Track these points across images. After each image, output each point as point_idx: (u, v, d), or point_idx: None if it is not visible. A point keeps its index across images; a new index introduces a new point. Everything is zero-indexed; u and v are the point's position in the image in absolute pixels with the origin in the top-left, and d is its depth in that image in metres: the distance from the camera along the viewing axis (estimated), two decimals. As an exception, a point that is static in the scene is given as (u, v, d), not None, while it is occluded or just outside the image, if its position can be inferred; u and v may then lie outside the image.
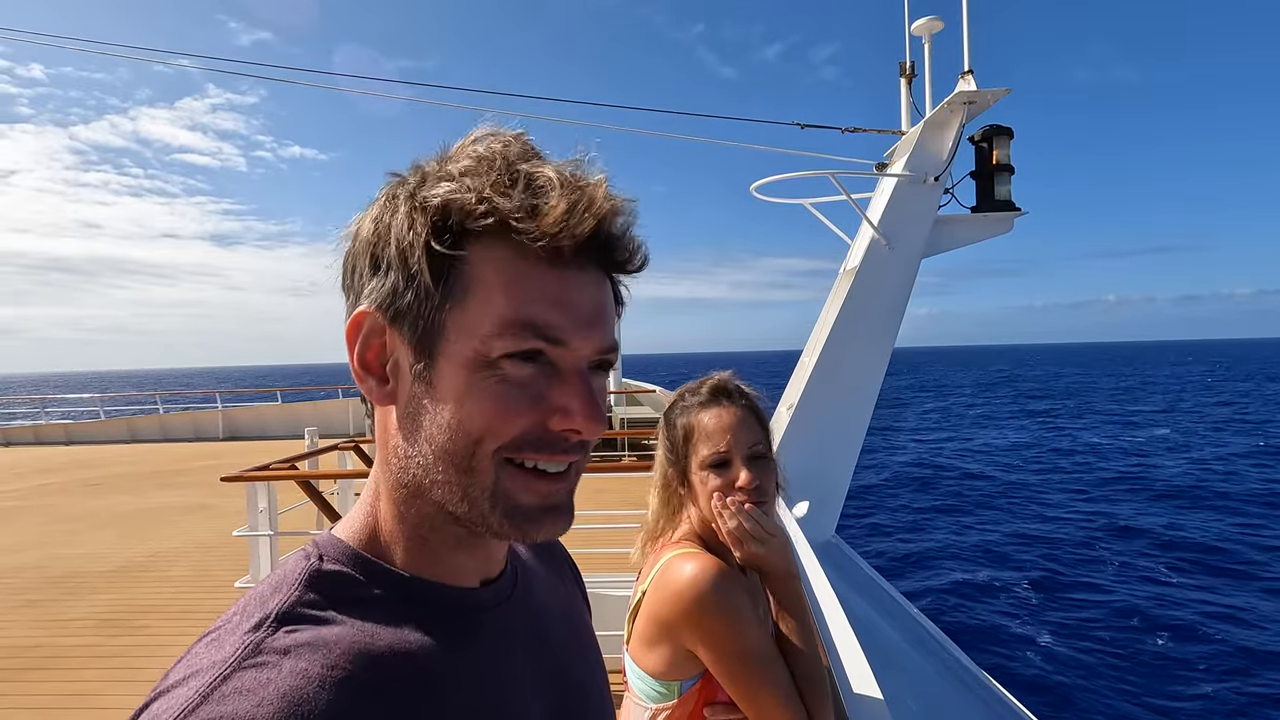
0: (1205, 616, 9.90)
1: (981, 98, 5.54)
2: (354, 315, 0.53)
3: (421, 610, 0.54)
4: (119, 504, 8.46)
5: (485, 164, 0.51)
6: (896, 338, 5.83)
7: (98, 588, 5.34)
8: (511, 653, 0.59)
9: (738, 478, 1.20)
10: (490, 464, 0.51)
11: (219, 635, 0.48)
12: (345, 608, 0.51)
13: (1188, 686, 8.15)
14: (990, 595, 11.08)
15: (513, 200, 0.49)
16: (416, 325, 0.51)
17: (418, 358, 0.51)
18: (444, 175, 0.51)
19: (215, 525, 7.20)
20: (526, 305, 0.49)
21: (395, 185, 0.54)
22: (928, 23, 6.01)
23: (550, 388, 0.51)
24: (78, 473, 10.94)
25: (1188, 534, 14.00)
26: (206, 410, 16.25)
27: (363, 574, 0.53)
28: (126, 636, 4.41)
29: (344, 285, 0.56)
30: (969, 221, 5.95)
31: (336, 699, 0.45)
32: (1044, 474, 21.88)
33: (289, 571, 0.53)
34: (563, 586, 0.76)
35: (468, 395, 0.50)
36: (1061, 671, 8.57)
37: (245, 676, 0.44)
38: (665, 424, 1.31)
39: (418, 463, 0.52)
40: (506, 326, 0.49)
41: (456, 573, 0.57)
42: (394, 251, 0.51)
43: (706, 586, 1.10)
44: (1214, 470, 21.00)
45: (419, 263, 0.50)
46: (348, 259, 0.56)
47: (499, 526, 0.52)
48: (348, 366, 0.55)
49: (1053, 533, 14.51)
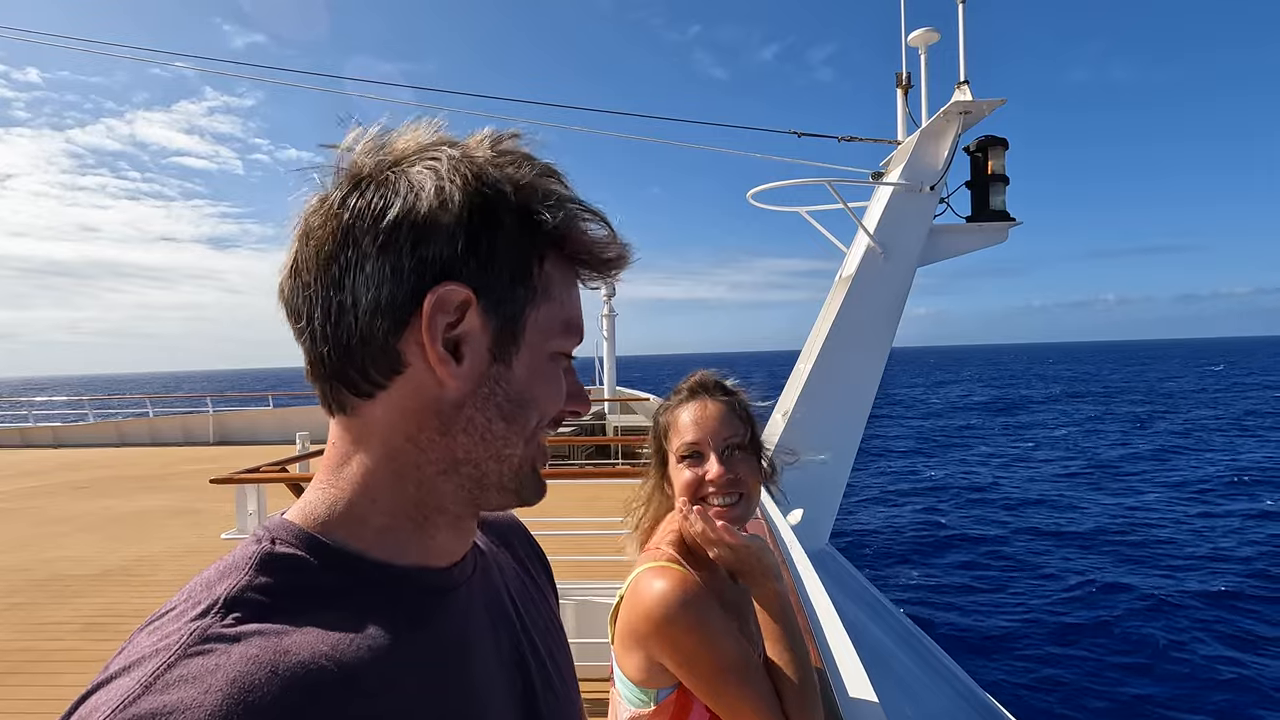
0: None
1: (977, 108, 5.59)
2: (444, 290, 0.51)
3: (378, 592, 0.53)
4: (106, 507, 8.36)
5: (557, 181, 0.57)
6: (892, 345, 5.83)
7: (82, 591, 5.26)
8: (471, 631, 0.59)
9: (707, 471, 1.19)
10: (537, 436, 0.59)
11: (162, 623, 0.45)
12: (298, 592, 0.49)
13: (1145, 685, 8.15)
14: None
15: (601, 246, 0.58)
16: (510, 315, 0.55)
17: (501, 343, 0.55)
18: (546, 191, 0.55)
19: (203, 529, 7.11)
20: (574, 311, 0.60)
21: (473, 168, 0.53)
22: (924, 34, 6.06)
23: (569, 377, 0.62)
24: (64, 475, 10.81)
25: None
26: (197, 414, 16.11)
27: (316, 557, 0.51)
28: (111, 641, 4.34)
29: (397, 254, 0.51)
30: (964, 231, 5.99)
31: (289, 685, 0.43)
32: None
33: (238, 556, 0.50)
34: (525, 568, 0.77)
35: (542, 378, 0.58)
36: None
37: (191, 664, 0.42)
38: (652, 422, 1.32)
39: (487, 437, 0.56)
40: (567, 326, 0.59)
41: (436, 553, 0.58)
42: (504, 244, 0.54)
43: (674, 605, 1.08)
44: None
45: (531, 265, 0.56)
46: (405, 229, 0.51)
47: (524, 491, 0.59)
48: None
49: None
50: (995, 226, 5.93)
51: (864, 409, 5.82)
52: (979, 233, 5.94)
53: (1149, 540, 14.00)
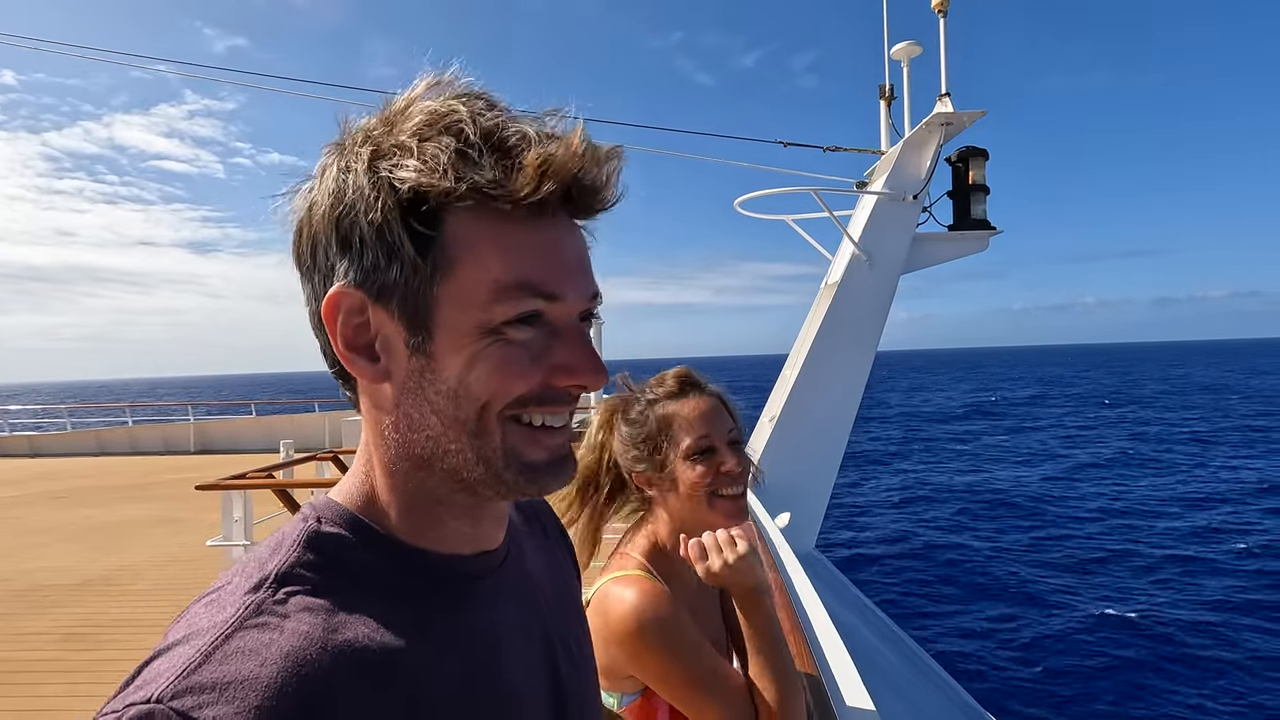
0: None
1: (958, 119, 5.70)
2: (330, 295, 0.50)
3: (417, 575, 0.54)
4: (85, 517, 8.23)
5: (443, 126, 0.49)
6: (876, 351, 5.91)
7: (62, 601, 5.18)
8: (505, 617, 0.60)
9: (724, 463, 1.17)
10: (496, 424, 0.51)
11: (219, 596, 0.48)
12: (343, 570, 0.51)
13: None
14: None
15: (485, 171, 0.48)
16: (406, 300, 0.50)
17: (412, 332, 0.50)
18: (399, 146, 0.49)
19: (185, 539, 7.02)
20: (518, 266, 0.49)
21: (342, 156, 0.51)
22: (906, 47, 6.18)
23: (550, 347, 0.52)
24: (42, 485, 10.63)
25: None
26: (178, 423, 15.88)
27: (360, 538, 0.53)
28: (91, 651, 4.28)
29: (304, 268, 0.53)
30: (946, 239, 6.09)
31: (336, 660, 0.45)
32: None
33: (287, 534, 0.52)
34: (551, 553, 0.77)
35: (473, 363, 0.50)
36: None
37: (248, 636, 0.44)
38: (626, 422, 1.24)
39: (426, 435, 0.52)
40: (504, 291, 0.49)
41: (455, 541, 0.57)
42: (366, 228, 0.49)
43: (646, 620, 1.05)
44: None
45: (399, 239, 0.48)
46: (304, 239, 0.52)
47: (514, 483, 0.53)
48: (329, 376, 0.53)
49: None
50: (976, 235, 6.05)
51: (850, 413, 5.88)
52: (961, 241, 6.05)
53: (1131, 548, 14.20)
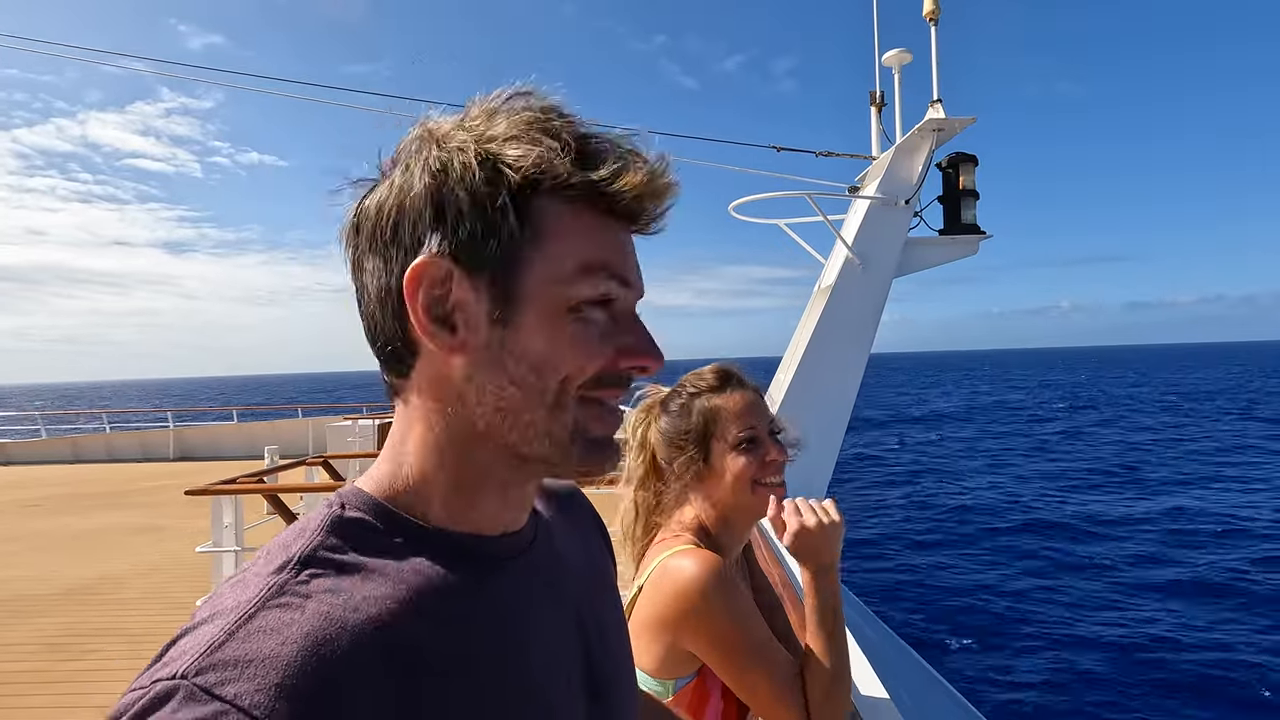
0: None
1: (949, 125, 5.78)
2: (416, 264, 0.52)
3: (441, 558, 0.54)
4: (63, 525, 8.03)
5: (543, 126, 0.52)
6: (869, 354, 5.96)
7: (43, 611, 5.05)
8: (532, 600, 0.60)
9: (768, 454, 1.22)
10: (572, 400, 0.54)
11: (244, 577, 0.49)
12: (366, 553, 0.52)
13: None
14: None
15: (594, 169, 0.52)
16: (498, 272, 0.52)
17: (498, 303, 0.52)
18: (510, 136, 0.52)
19: (168, 546, 6.88)
20: (600, 251, 0.54)
21: (440, 144, 0.53)
22: (898, 55, 6.26)
23: (616, 330, 0.56)
24: (15, 493, 10.37)
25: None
26: (157, 429, 15.59)
27: (383, 522, 0.54)
28: (75, 661, 4.18)
29: (377, 245, 0.54)
30: (937, 243, 6.17)
31: (357, 640, 0.46)
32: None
33: (312, 519, 0.53)
34: (585, 538, 0.77)
35: (555, 337, 0.53)
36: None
37: (270, 616, 0.45)
38: (667, 414, 1.28)
39: (498, 407, 0.53)
40: (588, 270, 0.53)
41: (488, 522, 0.58)
42: (467, 200, 0.51)
43: (709, 584, 1.09)
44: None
45: (503, 213, 0.51)
46: (383, 218, 0.54)
47: (576, 458, 0.55)
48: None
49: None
50: (967, 239, 6.12)
51: (845, 415, 5.92)
52: (951, 245, 6.12)
53: (1119, 546, 14.41)
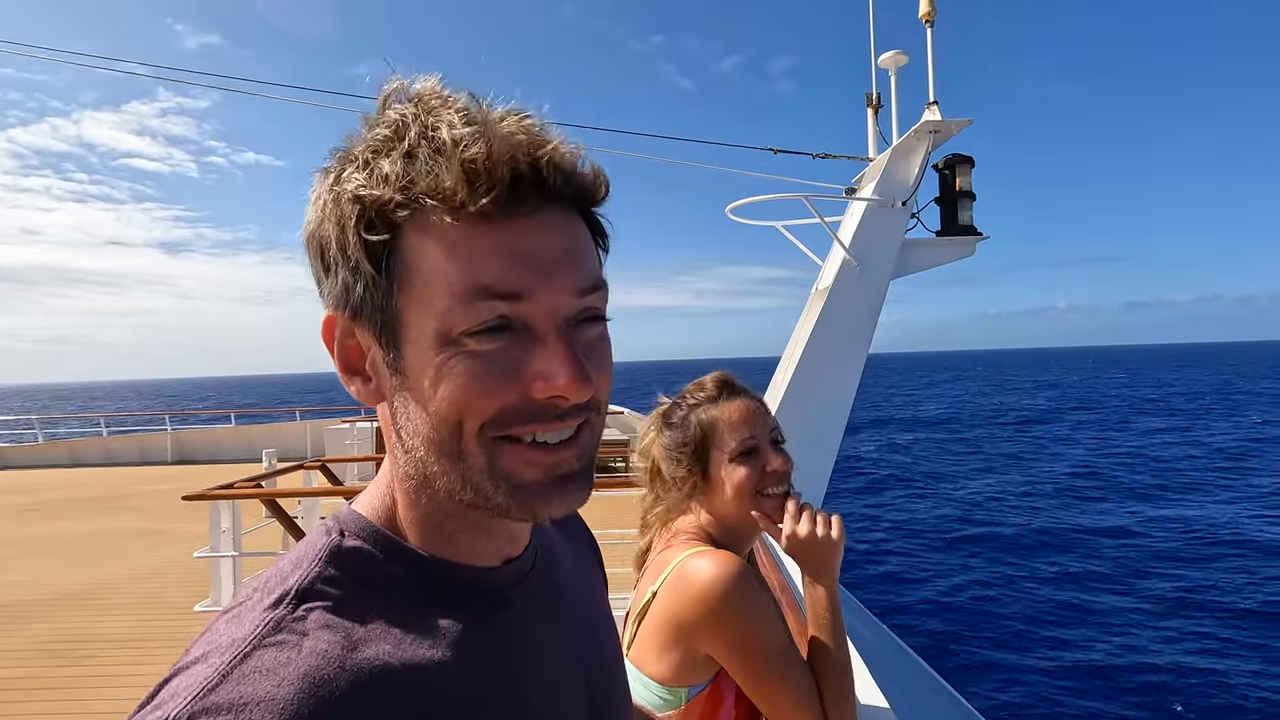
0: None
1: (946, 127, 5.78)
2: (324, 320, 0.52)
3: (441, 589, 0.53)
4: (60, 529, 8.00)
5: (395, 138, 0.48)
6: (866, 356, 5.96)
7: (39, 616, 5.03)
8: (534, 629, 0.59)
9: (768, 464, 1.20)
10: (478, 445, 0.48)
11: (239, 612, 0.47)
12: (365, 585, 0.50)
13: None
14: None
15: (422, 178, 0.46)
16: (375, 318, 0.49)
17: (386, 350, 0.50)
18: (352, 158, 0.49)
19: (166, 551, 6.86)
20: (473, 269, 0.46)
21: (322, 178, 0.52)
22: (894, 57, 6.26)
23: (526, 354, 0.48)
24: (11, 498, 10.33)
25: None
26: (154, 433, 15.54)
27: (383, 551, 0.53)
28: (70, 667, 4.16)
29: (316, 281, 0.54)
30: (935, 245, 6.17)
31: (355, 680, 0.44)
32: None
33: (309, 546, 0.52)
34: (582, 561, 0.76)
35: (438, 379, 0.47)
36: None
37: (265, 655, 0.43)
38: (669, 427, 1.28)
39: (415, 456, 0.51)
40: (458, 298, 0.46)
41: (476, 554, 0.56)
42: (334, 249, 0.49)
43: (731, 585, 1.08)
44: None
45: (356, 255, 0.48)
46: (310, 262, 0.53)
47: (508, 507, 0.50)
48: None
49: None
50: (964, 241, 6.12)
51: (843, 417, 5.92)
52: (948, 247, 6.12)
53: (1114, 548, 14.43)
